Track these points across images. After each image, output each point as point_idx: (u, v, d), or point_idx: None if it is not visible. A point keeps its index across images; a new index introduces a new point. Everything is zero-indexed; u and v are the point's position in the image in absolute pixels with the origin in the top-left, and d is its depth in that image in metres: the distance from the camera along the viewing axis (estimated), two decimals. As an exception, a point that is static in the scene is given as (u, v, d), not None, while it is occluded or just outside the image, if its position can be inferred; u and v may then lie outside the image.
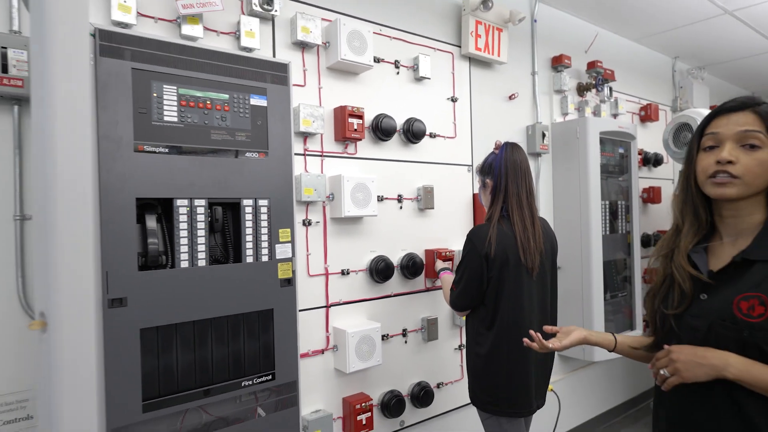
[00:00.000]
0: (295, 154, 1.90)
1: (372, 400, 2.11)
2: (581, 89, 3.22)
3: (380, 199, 2.20)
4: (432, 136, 2.42)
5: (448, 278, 2.10)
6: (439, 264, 2.25)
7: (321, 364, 2.03)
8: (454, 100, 2.53)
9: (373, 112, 2.18)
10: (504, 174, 1.83)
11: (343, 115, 2.04)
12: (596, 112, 3.28)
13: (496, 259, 1.75)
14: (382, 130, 2.16)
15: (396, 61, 2.30)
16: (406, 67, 2.34)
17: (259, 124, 1.70)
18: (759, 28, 3.51)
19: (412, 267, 2.26)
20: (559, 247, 2.63)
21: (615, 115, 3.44)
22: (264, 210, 1.70)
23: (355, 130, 2.05)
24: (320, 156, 2.04)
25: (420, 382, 2.31)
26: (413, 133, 2.27)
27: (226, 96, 1.63)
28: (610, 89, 3.35)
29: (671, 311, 1.05)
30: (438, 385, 2.40)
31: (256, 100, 1.69)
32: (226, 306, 1.61)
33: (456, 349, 2.50)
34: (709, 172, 1.00)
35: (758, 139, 0.96)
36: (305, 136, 1.98)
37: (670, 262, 1.08)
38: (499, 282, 1.76)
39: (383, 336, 2.19)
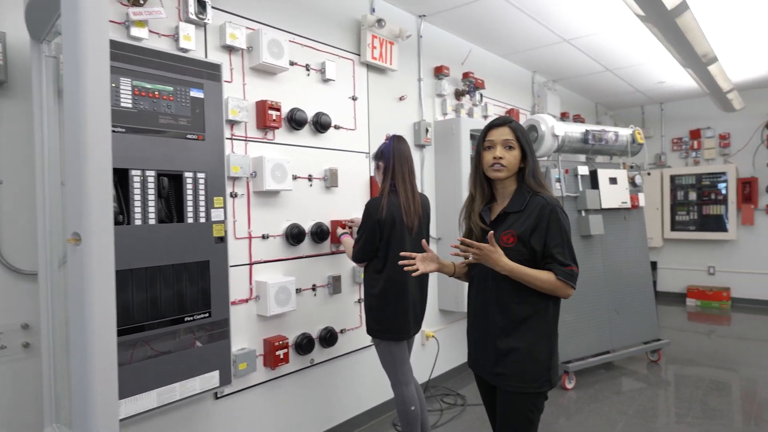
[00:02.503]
0: (225, 138, 2.33)
1: (288, 340, 2.61)
2: (458, 94, 3.96)
3: (294, 177, 2.69)
4: (336, 127, 2.95)
5: (348, 240, 2.67)
6: (339, 230, 2.80)
7: (245, 311, 2.48)
8: (354, 98, 3.08)
9: (288, 106, 2.66)
10: (392, 158, 2.43)
11: (263, 108, 2.50)
12: (470, 114, 4.05)
13: (386, 222, 2.35)
14: (295, 121, 2.65)
15: (307, 64, 2.80)
16: (316, 70, 2.85)
17: (198, 113, 2.11)
18: (590, 54, 4.53)
19: (320, 233, 2.79)
20: (438, 222, 3.32)
21: (485, 117, 4.24)
22: (202, 181, 2.12)
23: (274, 120, 2.52)
24: (245, 140, 2.48)
25: (327, 327, 2.85)
26: (321, 124, 2.79)
27: (171, 88, 2.03)
28: (481, 95, 4.14)
29: None
30: (341, 331, 2.96)
31: (195, 93, 2.11)
32: (172, 256, 2.02)
33: (356, 302, 3.08)
34: (489, 163, 1.70)
35: (512, 143, 1.68)
36: (232, 123, 2.41)
37: (469, 219, 1.80)
38: (388, 239, 2.36)
39: (297, 289, 2.68)
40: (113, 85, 1.85)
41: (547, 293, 1.64)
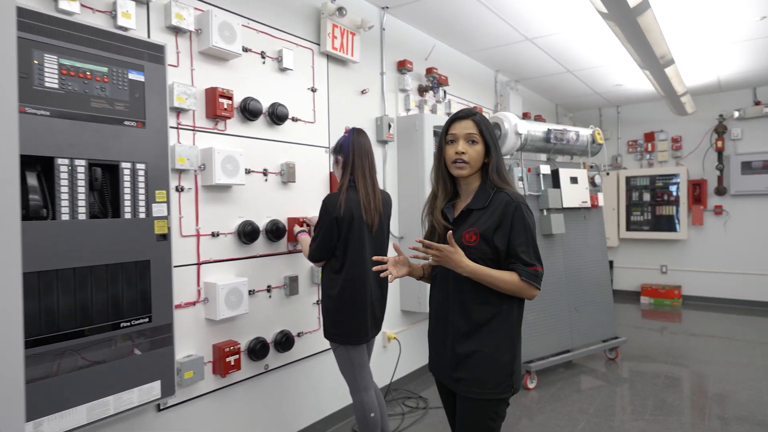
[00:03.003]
0: (170, 127, 2.15)
1: (240, 345, 2.43)
2: (421, 90, 3.87)
3: (248, 171, 2.52)
4: (294, 120, 2.80)
5: (305, 238, 2.52)
6: (297, 228, 2.65)
7: (193, 315, 2.29)
8: (313, 90, 2.94)
9: (241, 95, 2.49)
10: (351, 152, 2.31)
11: (213, 95, 2.32)
12: (433, 110, 3.97)
13: (344, 219, 2.22)
14: (249, 111, 2.48)
15: (262, 51, 2.63)
16: (272, 58, 2.68)
17: (137, 97, 1.92)
18: (552, 54, 4.55)
19: (275, 231, 2.63)
20: (401, 219, 3.20)
21: (448, 114, 4.17)
22: (141, 173, 1.93)
23: (225, 109, 2.35)
24: (193, 130, 2.29)
25: (282, 330, 2.69)
26: (277, 116, 2.63)
27: (105, 69, 1.83)
28: (445, 92, 4.08)
29: None
30: (298, 334, 2.81)
31: (134, 75, 1.91)
32: (106, 255, 1.82)
33: (314, 303, 2.93)
34: (452, 159, 1.60)
35: (475, 137, 1.59)
36: (178, 111, 2.22)
37: (432, 217, 1.69)
38: (347, 237, 2.24)
39: (250, 291, 2.52)
40: (36, 62, 1.64)
41: (511, 294, 1.56)
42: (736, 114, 6.18)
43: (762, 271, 6.14)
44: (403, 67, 3.65)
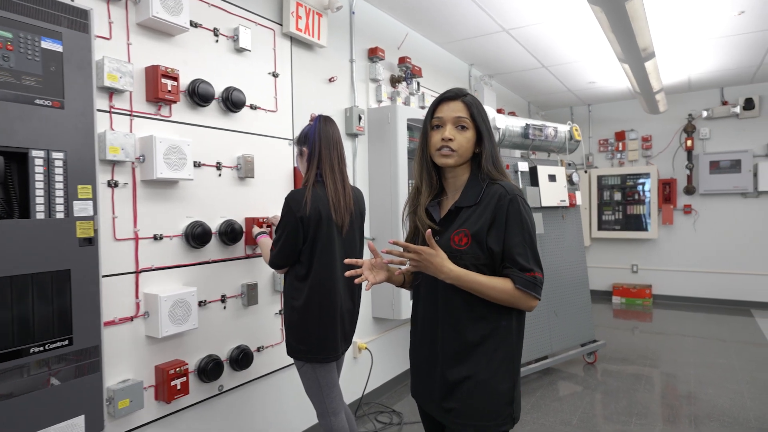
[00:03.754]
0: (99, 110, 1.81)
1: (188, 365, 2.10)
2: (393, 81, 3.61)
3: (197, 165, 2.19)
4: (253, 107, 2.48)
5: (266, 241, 2.21)
6: (256, 229, 2.34)
7: (130, 332, 1.95)
8: (275, 75, 2.62)
9: (190, 77, 2.16)
10: (318, 143, 2.01)
11: (155, 75, 1.98)
12: (406, 102, 3.71)
13: (311, 218, 1.93)
14: (199, 96, 2.16)
15: (215, 28, 2.31)
16: (226, 36, 2.36)
17: (53, 71, 1.57)
18: (528, 47, 4.37)
19: (231, 233, 2.30)
20: (372, 219, 2.90)
21: (423, 107, 3.92)
22: (59, 163, 1.58)
23: (169, 91, 2.01)
24: (129, 115, 1.95)
25: (239, 345, 2.37)
26: (233, 102, 2.31)
27: (10, 34, 1.47)
28: (418, 84, 3.83)
29: None
30: (258, 349, 2.49)
31: (49, 44, 1.56)
32: (10, 265, 1.47)
33: (276, 314, 2.62)
34: (437, 146, 1.35)
35: (465, 122, 1.34)
36: (111, 92, 1.87)
37: (415, 216, 1.43)
38: (314, 239, 1.94)
39: (201, 302, 2.19)
40: None
41: (506, 305, 1.31)
42: (705, 114, 6.21)
43: (729, 269, 6.18)
44: (374, 55, 3.37)
